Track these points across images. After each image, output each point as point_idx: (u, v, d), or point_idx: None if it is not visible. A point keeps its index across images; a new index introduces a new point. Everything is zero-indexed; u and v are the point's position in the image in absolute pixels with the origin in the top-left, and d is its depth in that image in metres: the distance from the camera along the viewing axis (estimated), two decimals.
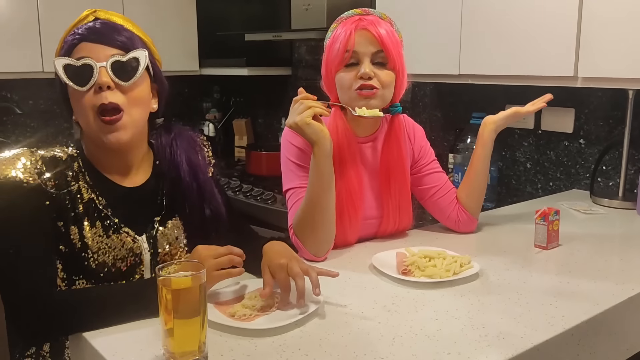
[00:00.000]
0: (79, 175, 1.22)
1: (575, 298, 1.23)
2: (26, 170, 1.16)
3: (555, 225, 1.55)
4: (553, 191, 2.33)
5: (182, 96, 3.83)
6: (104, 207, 1.23)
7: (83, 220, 1.19)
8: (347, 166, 1.51)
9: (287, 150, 1.53)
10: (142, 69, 1.21)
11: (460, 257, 1.38)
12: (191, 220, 1.32)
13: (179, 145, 1.33)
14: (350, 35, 1.44)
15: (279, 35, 2.96)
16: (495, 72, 2.06)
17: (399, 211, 1.61)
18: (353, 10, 1.52)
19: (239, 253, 1.18)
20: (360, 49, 1.44)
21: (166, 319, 0.94)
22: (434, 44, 2.23)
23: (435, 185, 1.66)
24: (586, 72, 1.83)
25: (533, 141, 2.40)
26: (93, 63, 1.16)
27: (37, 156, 1.19)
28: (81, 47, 1.19)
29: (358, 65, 1.45)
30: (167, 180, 1.32)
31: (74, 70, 1.17)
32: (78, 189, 1.21)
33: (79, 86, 1.17)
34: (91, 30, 1.20)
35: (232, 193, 2.80)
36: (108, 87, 1.16)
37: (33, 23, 2.85)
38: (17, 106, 3.09)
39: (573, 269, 1.41)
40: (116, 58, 1.18)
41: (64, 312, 1.08)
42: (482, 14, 2.07)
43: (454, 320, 1.12)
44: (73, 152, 1.25)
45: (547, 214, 1.53)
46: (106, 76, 1.16)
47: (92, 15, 1.24)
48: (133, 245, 1.24)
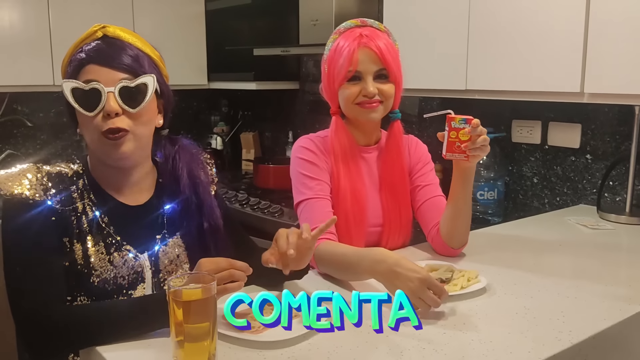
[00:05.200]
0: (84, 192, 1.23)
1: (582, 313, 1.23)
2: (32, 186, 1.17)
3: (462, 135, 1.37)
4: (560, 206, 2.34)
5: (190, 110, 3.87)
6: (106, 225, 1.23)
7: (86, 238, 1.20)
8: (352, 172, 1.55)
9: (298, 165, 1.56)
10: (150, 95, 1.21)
11: (468, 272, 1.38)
12: (190, 234, 1.32)
13: (181, 158, 1.34)
14: (353, 53, 1.48)
15: (287, 50, 2.99)
16: (502, 87, 2.08)
17: (400, 218, 1.63)
18: (351, 21, 1.56)
19: (243, 267, 1.16)
20: (363, 67, 1.49)
21: (177, 330, 0.96)
22: (441, 59, 2.25)
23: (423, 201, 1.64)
24: (593, 88, 1.84)
25: (540, 156, 2.41)
26: (101, 88, 1.16)
27: (43, 172, 1.20)
28: (89, 70, 1.18)
29: (360, 81, 1.50)
30: (168, 195, 1.32)
31: (82, 93, 1.17)
32: (83, 207, 1.22)
33: (87, 111, 1.17)
34: (99, 52, 1.19)
35: (239, 206, 2.82)
36: (116, 113, 1.17)
37: (44, 37, 2.89)
38: (27, 119, 3.13)
39: (580, 283, 1.41)
40: (124, 84, 1.17)
41: (71, 328, 1.08)
42: (489, 29, 2.09)
43: (461, 334, 1.12)
44: (78, 169, 1.26)
45: (452, 119, 1.38)
46: (114, 102, 1.16)
47: (101, 32, 1.23)
48: (135, 263, 1.24)
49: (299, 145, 1.58)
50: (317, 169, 1.53)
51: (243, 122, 3.86)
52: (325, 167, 1.56)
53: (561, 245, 1.75)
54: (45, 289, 1.12)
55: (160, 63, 1.29)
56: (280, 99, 3.54)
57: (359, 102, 1.51)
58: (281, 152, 3.59)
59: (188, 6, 3.43)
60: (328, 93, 1.58)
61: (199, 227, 1.32)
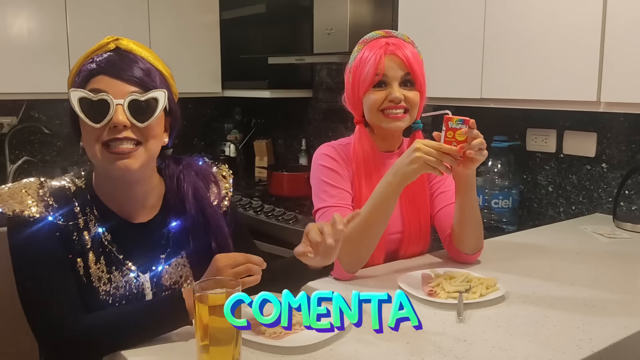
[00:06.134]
0: (87, 208, 1.21)
1: (602, 322, 1.23)
2: (34, 203, 1.15)
3: (459, 136, 1.37)
4: (575, 215, 2.33)
5: (204, 117, 3.90)
6: (109, 242, 1.21)
7: (88, 254, 1.18)
8: (374, 180, 1.55)
9: (321, 172, 1.57)
10: (160, 111, 1.17)
11: (486, 279, 1.38)
12: (196, 254, 1.28)
13: (185, 177, 1.29)
14: (380, 59, 1.50)
15: (302, 58, 3.01)
16: (517, 96, 2.08)
17: (420, 226, 1.63)
18: (376, 32, 1.58)
19: (258, 261, 1.16)
20: (390, 72, 1.51)
21: (202, 335, 0.97)
22: (455, 68, 2.26)
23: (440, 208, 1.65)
24: (609, 97, 1.84)
25: (555, 165, 2.41)
26: (110, 99, 1.12)
27: (46, 187, 1.19)
28: (98, 80, 1.14)
29: (386, 87, 1.52)
30: (173, 214, 1.28)
31: (89, 104, 1.13)
32: (85, 223, 1.19)
33: (93, 122, 1.12)
34: (110, 63, 1.15)
35: (253, 213, 2.83)
36: (124, 126, 1.13)
37: (62, 44, 2.93)
38: (44, 125, 3.16)
39: (599, 292, 1.41)
40: (134, 97, 1.14)
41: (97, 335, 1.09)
42: (505, 38, 2.10)
43: (482, 342, 1.13)
44: (81, 184, 1.23)
45: (449, 119, 1.37)
46: (122, 115, 1.12)
47: (113, 44, 1.19)
48: (135, 283, 1.22)
49: (320, 153, 1.59)
50: (338, 177, 1.54)
51: (256, 129, 3.88)
52: (347, 174, 1.57)
53: (578, 254, 1.75)
54: (63, 301, 1.12)
55: (171, 80, 1.26)
56: (293, 107, 3.56)
57: (384, 107, 1.52)
58: (294, 159, 3.61)
59: (203, 15, 3.47)
60: (352, 101, 1.59)
61: (206, 247, 1.28)
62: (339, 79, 3.34)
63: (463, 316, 1.23)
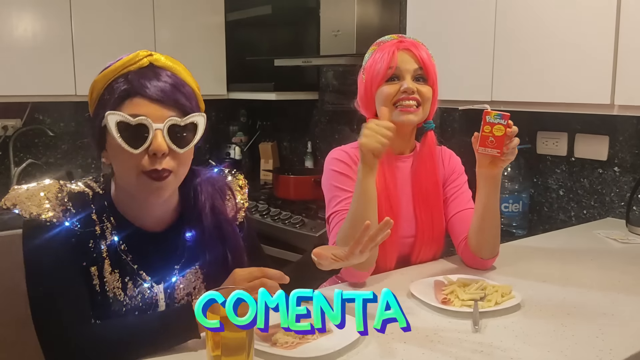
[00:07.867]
0: (104, 216, 1.17)
1: (621, 330, 1.20)
2: (52, 207, 1.12)
3: (496, 131, 1.37)
4: (587, 219, 2.30)
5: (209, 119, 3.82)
6: (124, 252, 1.17)
7: (103, 263, 1.15)
8: (387, 180, 1.54)
9: (331, 177, 1.56)
10: (200, 136, 1.14)
11: (502, 287, 1.36)
12: (211, 266, 1.25)
13: (202, 191, 1.26)
14: (393, 53, 1.51)
15: (309, 60, 2.99)
16: (528, 98, 2.06)
17: (433, 230, 1.61)
18: (390, 36, 1.59)
19: (276, 275, 1.13)
20: (403, 65, 1.51)
21: (213, 346, 0.94)
22: (466, 70, 2.23)
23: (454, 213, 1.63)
24: (623, 100, 1.81)
25: (566, 168, 2.38)
26: (149, 123, 1.07)
27: (65, 191, 1.15)
28: (136, 103, 1.08)
29: (399, 81, 1.51)
30: (189, 225, 1.25)
31: (127, 128, 1.07)
32: (102, 231, 1.16)
33: (132, 148, 1.07)
34: (147, 84, 1.09)
35: (259, 216, 2.81)
36: (163, 154, 1.09)
37: (67, 46, 2.91)
38: (49, 128, 3.14)
39: (616, 299, 1.38)
40: (174, 121, 1.09)
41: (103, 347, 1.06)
42: (516, 40, 2.07)
43: (500, 352, 1.10)
44: (100, 190, 1.20)
45: (487, 114, 1.37)
46: (162, 140, 1.08)
47: (147, 60, 1.12)
48: (149, 293, 1.19)
49: (331, 157, 1.57)
50: (350, 181, 1.52)
51: (261, 132, 3.86)
52: None
53: (592, 259, 1.72)
54: (72, 310, 1.09)
55: (199, 95, 1.21)
56: (298, 110, 3.54)
57: (397, 100, 1.51)
58: (300, 162, 3.58)
59: (208, 16, 3.44)
60: (364, 100, 1.58)
61: (221, 258, 1.25)
62: (346, 81, 3.33)
63: (479, 325, 1.20)
